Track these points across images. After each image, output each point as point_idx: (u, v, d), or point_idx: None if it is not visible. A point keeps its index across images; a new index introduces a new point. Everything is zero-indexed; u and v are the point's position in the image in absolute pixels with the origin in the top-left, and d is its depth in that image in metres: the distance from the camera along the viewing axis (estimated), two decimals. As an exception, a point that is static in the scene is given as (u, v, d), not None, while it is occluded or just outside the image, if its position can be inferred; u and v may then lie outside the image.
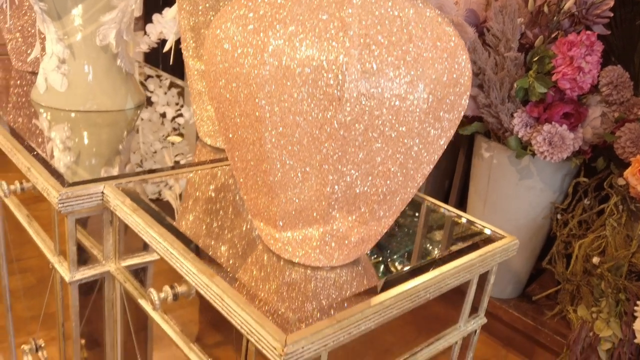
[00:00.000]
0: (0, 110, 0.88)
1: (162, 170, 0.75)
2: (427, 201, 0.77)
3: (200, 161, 0.79)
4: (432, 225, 0.73)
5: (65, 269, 0.69)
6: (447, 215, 0.74)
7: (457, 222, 0.72)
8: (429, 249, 0.66)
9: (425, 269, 0.57)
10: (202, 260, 0.54)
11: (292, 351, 0.44)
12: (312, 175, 0.46)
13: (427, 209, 0.76)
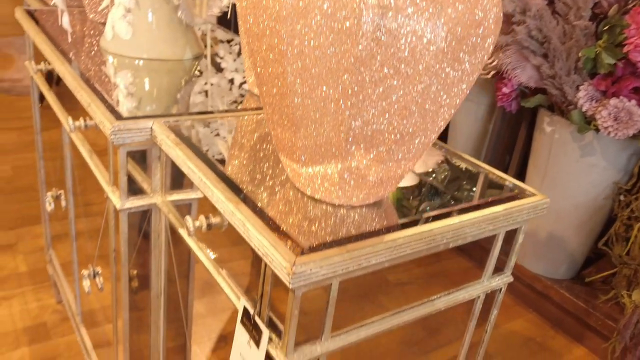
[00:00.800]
0: (73, 56, 0.96)
1: (209, 113, 0.79)
2: (464, 159, 0.77)
3: (245, 108, 0.83)
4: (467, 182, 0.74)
5: (117, 197, 0.76)
6: (484, 173, 0.73)
7: (493, 180, 0.72)
8: (457, 202, 0.66)
9: (445, 215, 0.58)
10: (231, 191, 0.58)
11: (300, 271, 0.47)
12: (331, 110, 0.48)
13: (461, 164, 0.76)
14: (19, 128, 2.49)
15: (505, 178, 0.71)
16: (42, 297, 1.51)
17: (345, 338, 0.57)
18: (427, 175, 0.71)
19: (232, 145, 0.72)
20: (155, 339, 0.87)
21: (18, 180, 2.06)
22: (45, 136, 1.76)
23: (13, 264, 1.62)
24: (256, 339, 0.56)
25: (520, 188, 0.68)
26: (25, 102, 2.78)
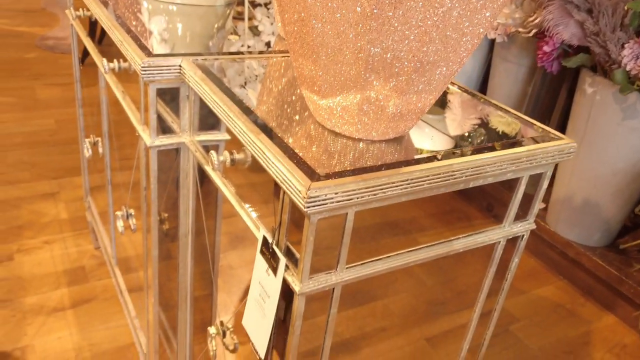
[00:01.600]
0: (110, 0, 0.98)
1: (237, 54, 0.80)
2: (490, 102, 0.76)
3: (271, 50, 0.83)
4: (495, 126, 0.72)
5: (147, 135, 0.78)
6: (511, 119, 0.72)
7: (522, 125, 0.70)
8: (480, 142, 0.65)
9: (465, 152, 0.58)
10: (253, 123, 0.59)
11: (314, 195, 0.48)
12: (350, 35, 0.48)
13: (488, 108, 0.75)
14: (63, 84, 2.56)
15: (534, 123, 0.69)
16: (81, 243, 1.58)
17: (360, 270, 0.58)
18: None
19: (259, 85, 0.72)
20: (183, 279, 0.91)
21: (61, 133, 2.14)
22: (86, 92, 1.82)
23: (55, 211, 1.69)
24: (274, 267, 0.57)
25: (546, 131, 0.66)
26: (69, 60, 2.86)
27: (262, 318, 0.61)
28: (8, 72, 2.61)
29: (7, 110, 2.26)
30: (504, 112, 0.73)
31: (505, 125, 0.72)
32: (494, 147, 0.60)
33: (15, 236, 1.56)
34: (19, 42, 2.99)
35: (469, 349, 1.42)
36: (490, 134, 0.72)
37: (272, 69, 0.78)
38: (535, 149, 0.61)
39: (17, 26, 3.24)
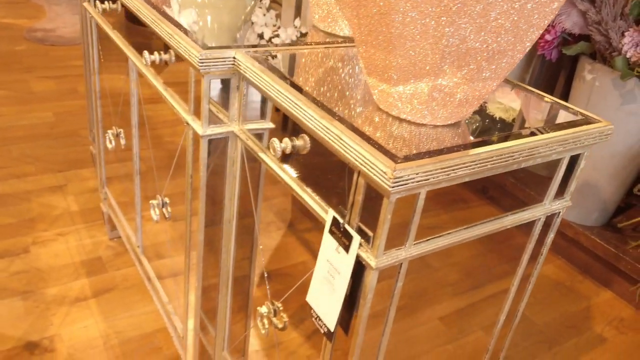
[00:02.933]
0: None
1: (282, 46, 0.83)
2: (533, 91, 0.81)
3: (316, 41, 0.86)
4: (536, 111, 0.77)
5: (198, 125, 0.81)
6: (551, 103, 0.77)
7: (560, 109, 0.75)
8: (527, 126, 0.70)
9: (519, 135, 0.63)
10: (324, 111, 0.62)
11: (399, 176, 0.52)
12: (430, 27, 0.52)
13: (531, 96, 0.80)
14: (57, 77, 2.54)
15: (571, 107, 0.74)
16: (95, 234, 1.59)
17: (425, 246, 0.63)
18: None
19: (310, 74, 0.76)
20: (226, 263, 0.94)
21: (61, 126, 2.13)
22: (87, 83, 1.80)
23: (65, 203, 1.70)
24: (346, 245, 0.62)
25: (585, 115, 0.71)
26: (60, 52, 2.82)
27: (330, 294, 0.65)
28: (0, 66, 2.57)
29: (4, 103, 2.23)
30: (538, 96, 0.79)
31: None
32: (544, 130, 0.65)
33: (29, 229, 1.56)
34: (7, 34, 2.94)
35: (483, 328, 1.49)
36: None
37: (320, 59, 0.81)
38: (580, 131, 0.66)
39: (2, 18, 3.18)
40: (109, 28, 1.14)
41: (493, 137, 0.61)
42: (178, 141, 1.23)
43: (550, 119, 0.72)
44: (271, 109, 0.85)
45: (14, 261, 1.44)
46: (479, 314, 1.59)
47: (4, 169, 1.81)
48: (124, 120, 1.21)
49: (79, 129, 2.13)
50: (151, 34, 0.91)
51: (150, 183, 1.24)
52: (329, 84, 0.73)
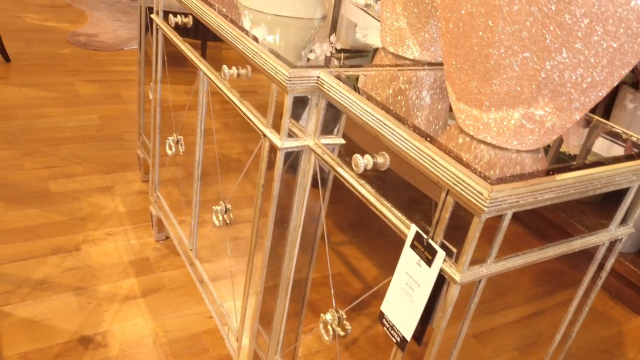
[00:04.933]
0: (225, 9, 1.05)
1: (361, 67, 0.88)
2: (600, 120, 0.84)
3: (389, 63, 0.91)
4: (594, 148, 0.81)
5: (277, 138, 0.86)
6: (618, 132, 0.81)
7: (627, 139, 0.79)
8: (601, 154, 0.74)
9: (599, 163, 0.66)
10: (414, 131, 0.66)
11: (495, 197, 0.56)
12: (530, 61, 0.56)
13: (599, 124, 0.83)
14: (101, 81, 2.62)
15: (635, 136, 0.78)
16: (142, 235, 1.64)
17: (505, 264, 0.66)
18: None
19: (389, 94, 0.80)
20: (287, 269, 0.98)
21: (106, 129, 2.20)
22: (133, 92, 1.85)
23: (113, 204, 1.75)
24: (428, 259, 0.65)
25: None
26: (103, 57, 2.91)
27: (409, 305, 0.69)
28: (46, 67, 2.65)
29: (52, 104, 2.31)
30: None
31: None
32: (620, 159, 0.69)
33: (80, 227, 1.62)
34: (51, 38, 3.04)
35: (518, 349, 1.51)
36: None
37: (396, 80, 0.86)
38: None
39: (45, 21, 3.28)
40: (180, 41, 1.20)
41: (574, 163, 0.65)
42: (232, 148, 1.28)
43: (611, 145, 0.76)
44: (344, 125, 0.89)
45: (67, 258, 1.49)
46: (513, 334, 1.61)
47: (54, 168, 1.88)
48: (179, 127, 1.26)
49: (123, 133, 2.19)
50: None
51: (204, 187, 1.29)
52: (406, 104, 0.77)
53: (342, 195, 0.89)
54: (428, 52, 0.93)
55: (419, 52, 0.93)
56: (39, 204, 1.69)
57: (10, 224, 1.57)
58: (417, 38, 0.92)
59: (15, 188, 1.73)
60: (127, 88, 2.58)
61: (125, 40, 3.15)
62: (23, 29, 3.09)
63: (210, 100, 1.12)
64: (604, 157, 0.71)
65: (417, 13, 0.89)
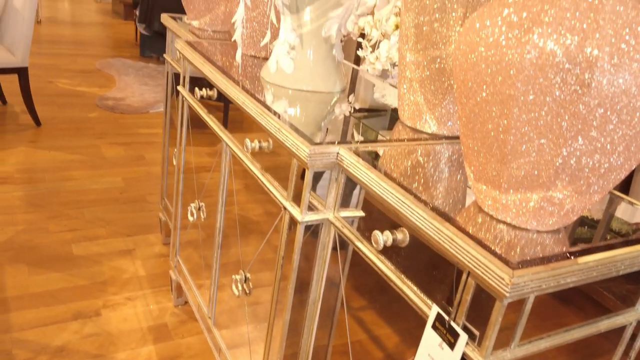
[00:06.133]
0: (249, 86, 1.09)
1: (378, 142, 0.90)
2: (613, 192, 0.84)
3: (407, 137, 0.93)
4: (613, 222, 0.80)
5: (297, 211, 0.87)
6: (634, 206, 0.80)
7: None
8: (620, 231, 0.73)
9: (623, 243, 0.65)
10: (433, 211, 0.67)
11: (517, 283, 0.55)
12: (547, 147, 0.57)
13: (614, 198, 0.83)
14: (126, 143, 2.70)
15: (661, 215, 0.77)
16: (161, 300, 1.64)
17: (529, 347, 0.65)
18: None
19: (408, 169, 0.81)
20: (306, 342, 0.97)
21: (130, 191, 2.24)
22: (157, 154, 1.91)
23: (133, 268, 1.77)
24: (451, 342, 0.64)
25: (681, 225, 0.74)
26: (129, 120, 3.01)
27: (431, 388, 0.67)
28: (74, 131, 2.75)
29: (78, 167, 2.38)
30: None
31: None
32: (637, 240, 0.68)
33: (100, 292, 1.62)
34: (81, 102, 3.16)
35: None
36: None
37: (414, 154, 0.87)
38: (677, 242, 0.68)
39: (77, 86, 3.43)
40: (205, 112, 1.24)
41: (597, 245, 0.65)
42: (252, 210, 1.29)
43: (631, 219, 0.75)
44: (362, 198, 0.90)
45: (87, 323, 1.49)
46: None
47: (78, 231, 1.91)
48: (201, 192, 1.28)
49: (146, 195, 2.24)
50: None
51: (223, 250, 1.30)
52: (425, 179, 0.78)
53: (361, 257, 0.89)
54: (445, 127, 0.95)
55: (437, 126, 0.95)
56: (62, 267, 1.71)
57: (34, 288, 1.59)
58: (434, 113, 0.94)
59: (39, 251, 1.76)
60: (151, 150, 2.65)
61: (151, 104, 3.26)
62: (55, 94, 3.23)
63: (232, 162, 1.15)
64: (628, 225, 0.71)
65: (434, 90, 0.92)
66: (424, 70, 0.91)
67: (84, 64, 3.92)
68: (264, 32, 1.25)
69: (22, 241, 1.80)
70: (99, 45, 4.52)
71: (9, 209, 1.97)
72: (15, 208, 1.99)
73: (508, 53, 0.55)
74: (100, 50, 4.38)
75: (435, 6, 0.85)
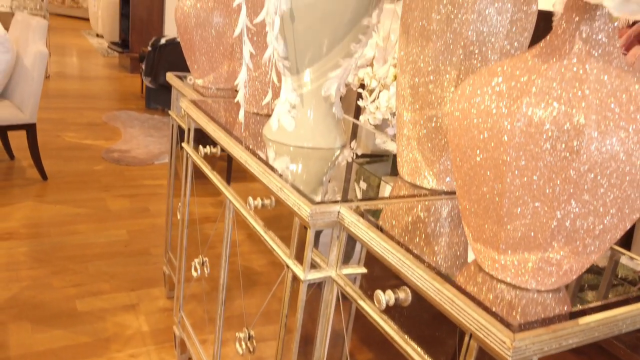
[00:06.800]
0: (251, 144, 1.12)
1: (379, 199, 0.91)
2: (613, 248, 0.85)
3: (409, 194, 0.94)
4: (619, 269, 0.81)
5: (299, 270, 0.88)
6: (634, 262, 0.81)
7: None
8: (620, 288, 0.74)
9: (622, 303, 0.66)
10: (433, 271, 0.68)
11: (518, 346, 0.55)
12: (542, 210, 0.58)
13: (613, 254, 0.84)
14: (131, 195, 2.73)
15: (661, 269, 0.77)
16: (165, 356, 1.62)
17: (534, 409, 0.64)
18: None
19: (410, 225, 0.82)
20: (311, 402, 0.95)
21: (134, 244, 2.25)
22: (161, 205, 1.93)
23: (137, 323, 1.76)
24: (455, 405, 0.64)
25: (681, 280, 0.74)
26: (134, 172, 3.05)
27: None
28: (80, 184, 2.79)
29: (83, 221, 2.40)
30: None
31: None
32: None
33: (104, 349, 1.61)
34: (87, 155, 3.22)
35: None
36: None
37: (413, 211, 0.88)
38: (678, 298, 0.69)
39: (83, 139, 3.49)
40: (208, 169, 1.27)
41: (598, 304, 0.65)
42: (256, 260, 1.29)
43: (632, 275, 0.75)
44: (365, 253, 0.91)
45: (89, 382, 1.47)
46: None
47: (82, 286, 1.91)
48: (205, 246, 1.29)
49: (150, 247, 2.24)
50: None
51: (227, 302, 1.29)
52: (425, 236, 0.79)
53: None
54: (444, 183, 0.97)
55: (435, 182, 0.97)
56: (66, 324, 1.70)
57: (37, 347, 1.58)
58: (433, 169, 0.96)
59: (43, 308, 1.76)
60: (155, 202, 2.67)
61: (156, 155, 3.31)
62: (62, 148, 3.29)
63: (235, 216, 1.16)
64: (634, 272, 0.71)
65: (431, 147, 0.94)
66: (421, 128, 0.94)
67: (91, 117, 4.01)
68: (265, 91, 1.29)
69: (26, 298, 1.80)
70: (105, 99, 4.63)
71: (14, 265, 1.98)
72: (20, 264, 2.00)
73: (499, 121, 0.57)
74: (107, 103, 4.48)
75: (429, 69, 0.89)
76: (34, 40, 2.60)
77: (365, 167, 1.19)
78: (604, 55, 0.56)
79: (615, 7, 0.50)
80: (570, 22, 0.58)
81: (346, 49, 1.06)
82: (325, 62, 1.07)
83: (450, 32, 0.84)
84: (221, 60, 1.57)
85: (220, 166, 1.31)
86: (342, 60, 1.07)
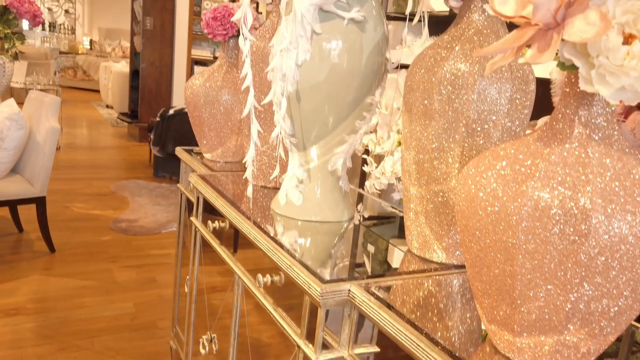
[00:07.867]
0: (260, 218, 1.13)
1: (389, 276, 0.91)
2: (629, 323, 0.83)
3: (420, 269, 0.94)
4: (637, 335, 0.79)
5: (311, 350, 0.86)
6: (652, 339, 0.79)
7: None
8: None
9: (644, 384, 0.64)
10: (447, 354, 0.67)
11: None
12: (554, 293, 0.58)
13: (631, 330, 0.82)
14: (138, 265, 2.71)
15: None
16: None
17: None
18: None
19: (422, 301, 0.82)
20: None
21: (140, 317, 2.22)
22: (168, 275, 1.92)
23: (142, 402, 1.70)
24: None
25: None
26: (141, 241, 3.05)
27: None
28: (87, 255, 2.79)
29: (89, 294, 2.38)
30: None
31: None
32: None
33: None
34: (95, 225, 3.23)
35: None
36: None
37: (424, 286, 0.88)
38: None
39: (91, 210, 3.52)
40: (217, 244, 1.27)
41: (618, 387, 0.63)
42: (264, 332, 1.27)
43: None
44: (377, 331, 0.90)
45: None
46: None
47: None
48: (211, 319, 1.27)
49: (157, 320, 2.21)
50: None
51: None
52: (438, 312, 0.78)
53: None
54: (454, 256, 0.96)
55: (445, 256, 0.97)
56: (69, 404, 1.65)
57: None
58: (442, 243, 0.96)
59: (47, 388, 1.72)
60: (162, 272, 2.66)
61: (163, 224, 3.33)
62: (70, 219, 3.31)
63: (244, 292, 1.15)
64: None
65: (439, 221, 0.95)
66: (428, 203, 0.95)
67: (99, 187, 4.06)
68: (273, 165, 1.31)
69: (30, 377, 1.76)
70: (114, 168, 4.70)
71: (19, 342, 1.95)
72: (26, 341, 1.96)
73: (506, 204, 0.58)
74: (115, 172, 4.54)
75: (433, 146, 0.91)
76: (47, 117, 2.68)
77: (372, 229, 1.19)
78: (604, 138, 0.58)
79: (611, 95, 0.52)
80: (568, 107, 0.60)
81: (351, 126, 1.09)
82: (331, 139, 1.10)
83: (452, 111, 0.87)
84: (229, 135, 1.61)
85: (229, 233, 1.31)
86: (347, 136, 1.10)
